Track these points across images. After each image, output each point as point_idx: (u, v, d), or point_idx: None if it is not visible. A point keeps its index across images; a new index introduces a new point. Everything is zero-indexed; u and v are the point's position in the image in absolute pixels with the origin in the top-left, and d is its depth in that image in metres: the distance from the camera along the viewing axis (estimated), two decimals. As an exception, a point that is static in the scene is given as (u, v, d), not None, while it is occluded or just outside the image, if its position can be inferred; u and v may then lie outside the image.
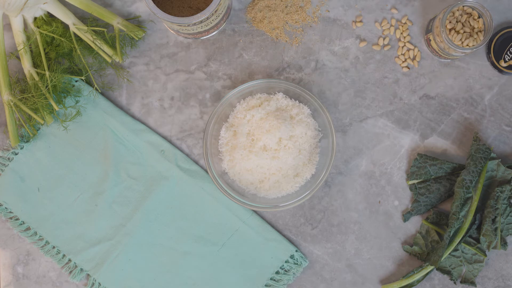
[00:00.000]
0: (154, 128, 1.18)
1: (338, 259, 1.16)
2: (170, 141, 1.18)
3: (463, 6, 1.10)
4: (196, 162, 1.18)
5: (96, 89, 1.17)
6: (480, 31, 1.10)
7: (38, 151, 1.17)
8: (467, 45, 1.10)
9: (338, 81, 1.17)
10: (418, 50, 1.17)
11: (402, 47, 1.17)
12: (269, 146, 1.09)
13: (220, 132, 1.14)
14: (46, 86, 1.12)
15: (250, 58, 1.18)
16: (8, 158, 1.18)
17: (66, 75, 1.13)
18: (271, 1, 1.17)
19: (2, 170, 1.17)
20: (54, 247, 1.17)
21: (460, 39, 1.10)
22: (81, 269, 1.17)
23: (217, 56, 1.18)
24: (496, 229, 1.11)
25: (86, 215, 1.17)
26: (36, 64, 1.15)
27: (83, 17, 1.17)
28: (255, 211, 1.16)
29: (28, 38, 1.14)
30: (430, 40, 1.14)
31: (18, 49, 1.13)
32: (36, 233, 1.17)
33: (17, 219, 1.17)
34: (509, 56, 1.15)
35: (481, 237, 1.12)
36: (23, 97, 1.13)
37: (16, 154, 1.17)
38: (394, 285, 1.14)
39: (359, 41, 1.18)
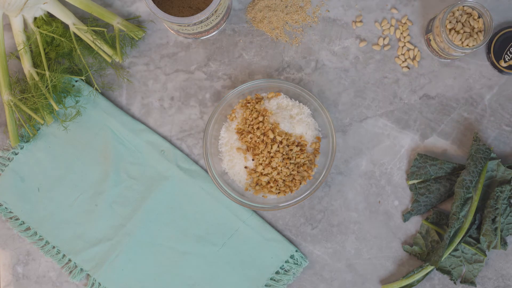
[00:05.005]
0: (154, 128, 1.18)
1: (338, 259, 1.16)
2: (170, 141, 1.18)
3: (463, 6, 1.10)
4: (196, 162, 1.18)
5: (96, 89, 1.17)
6: (480, 31, 1.10)
7: (38, 151, 1.17)
8: (467, 45, 1.10)
9: (338, 81, 1.17)
10: (418, 50, 1.17)
11: (402, 47, 1.17)
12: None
13: (220, 132, 1.14)
14: (46, 86, 1.12)
15: (250, 58, 1.18)
16: (8, 158, 1.18)
17: (66, 75, 1.13)
18: (271, 1, 1.17)
19: (2, 170, 1.17)
20: (54, 247, 1.17)
21: (460, 39, 1.10)
22: (81, 269, 1.17)
23: (217, 56, 1.18)
24: (496, 229, 1.11)
25: (86, 215, 1.17)
26: (36, 64, 1.15)
27: (83, 17, 1.17)
28: (255, 211, 1.16)
29: (28, 38, 1.14)
30: (430, 40, 1.14)
31: (18, 49, 1.13)
32: (36, 233, 1.17)
33: (17, 219, 1.17)
34: (509, 56, 1.15)
35: (481, 237, 1.12)
36: (23, 97, 1.13)
37: (16, 154, 1.18)
38: (394, 285, 1.14)
39: (359, 41, 1.18)
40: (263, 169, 1.10)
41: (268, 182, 1.11)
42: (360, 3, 1.18)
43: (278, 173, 1.10)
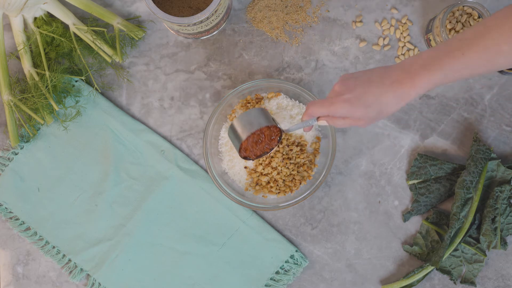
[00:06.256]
0: (154, 128, 1.18)
1: (338, 259, 1.16)
2: (170, 141, 1.18)
3: (463, 6, 1.10)
4: (196, 162, 1.18)
5: (96, 89, 1.17)
6: (480, 31, 1.10)
7: (38, 151, 1.17)
8: (467, 45, 1.10)
9: (338, 81, 1.17)
10: (418, 50, 1.17)
11: (402, 47, 1.17)
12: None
13: (220, 132, 1.14)
14: (46, 86, 1.12)
15: (250, 58, 1.18)
16: (8, 158, 1.18)
17: (66, 75, 1.13)
18: (271, 1, 1.17)
19: (2, 170, 1.17)
20: (54, 247, 1.17)
21: (460, 39, 1.10)
22: (81, 269, 1.17)
23: (217, 56, 1.18)
24: (495, 229, 1.11)
25: (86, 215, 1.17)
26: (36, 64, 1.15)
27: (83, 17, 1.17)
28: (255, 211, 1.16)
29: (28, 38, 1.14)
30: (430, 40, 1.14)
31: (18, 49, 1.13)
32: (36, 233, 1.17)
33: (17, 219, 1.17)
34: (509, 56, 1.15)
35: (481, 237, 1.12)
36: (23, 97, 1.13)
37: (16, 154, 1.18)
38: (394, 285, 1.14)
39: (359, 41, 1.18)
40: (263, 169, 1.10)
41: (268, 182, 1.11)
42: (360, 3, 1.18)
43: (278, 173, 1.10)
